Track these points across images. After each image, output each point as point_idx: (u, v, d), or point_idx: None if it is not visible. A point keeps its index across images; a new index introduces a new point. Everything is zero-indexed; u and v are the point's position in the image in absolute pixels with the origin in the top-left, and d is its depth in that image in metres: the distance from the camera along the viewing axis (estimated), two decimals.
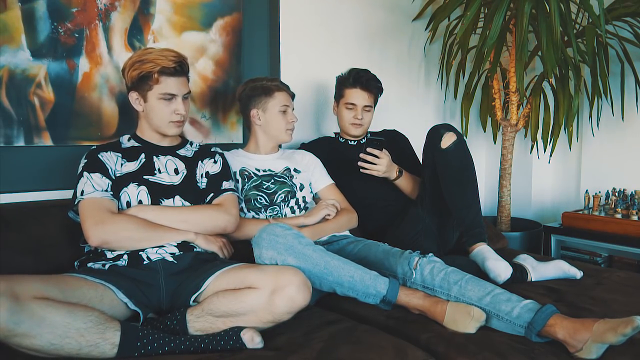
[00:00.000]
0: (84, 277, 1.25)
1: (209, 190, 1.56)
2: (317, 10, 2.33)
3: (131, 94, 1.50)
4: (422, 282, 1.44)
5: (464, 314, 1.29)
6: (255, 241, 1.38)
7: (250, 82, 1.84)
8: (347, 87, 2.04)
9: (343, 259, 1.41)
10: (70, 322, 1.05)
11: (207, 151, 1.64)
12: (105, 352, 1.09)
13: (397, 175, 1.92)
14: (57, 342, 1.04)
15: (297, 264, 1.33)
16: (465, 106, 2.69)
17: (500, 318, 1.29)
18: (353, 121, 2.03)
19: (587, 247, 2.46)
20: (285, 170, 1.84)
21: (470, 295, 1.34)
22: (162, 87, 1.46)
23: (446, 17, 2.42)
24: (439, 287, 1.40)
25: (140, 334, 1.13)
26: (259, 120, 1.82)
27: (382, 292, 1.38)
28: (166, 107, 1.48)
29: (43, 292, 1.07)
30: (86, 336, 1.06)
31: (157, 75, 1.44)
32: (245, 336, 1.17)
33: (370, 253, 1.63)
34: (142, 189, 1.45)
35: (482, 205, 3.15)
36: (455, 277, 1.39)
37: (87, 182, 1.39)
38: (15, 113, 1.60)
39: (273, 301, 1.19)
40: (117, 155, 1.48)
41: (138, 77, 1.45)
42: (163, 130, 1.52)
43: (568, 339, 1.18)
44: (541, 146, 2.51)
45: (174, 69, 1.46)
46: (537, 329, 1.22)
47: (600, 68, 2.20)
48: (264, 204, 1.75)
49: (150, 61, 1.44)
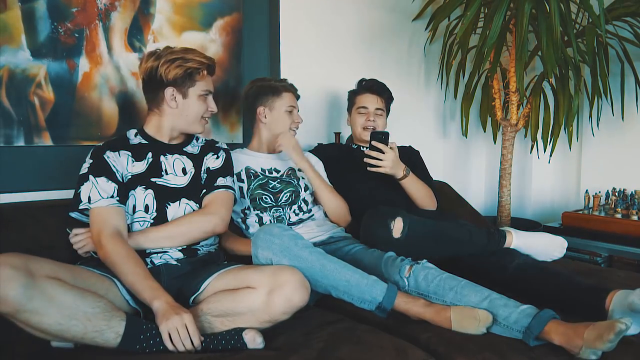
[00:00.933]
0: (91, 269, 1.28)
1: (204, 186, 1.54)
2: (317, 10, 2.33)
3: (167, 89, 1.48)
4: (417, 289, 1.41)
5: (470, 319, 1.28)
6: (253, 240, 1.38)
7: (258, 81, 1.86)
8: (358, 95, 2.10)
9: (341, 262, 1.40)
10: (79, 305, 1.08)
11: (212, 146, 1.63)
12: (108, 340, 1.10)
13: (404, 174, 1.90)
14: (64, 323, 1.06)
15: (292, 265, 1.32)
16: (465, 106, 2.69)
17: (498, 323, 1.28)
18: (365, 124, 2.05)
19: (587, 247, 2.46)
20: (289, 171, 1.85)
21: (466, 301, 1.33)
22: (205, 84, 1.52)
23: (446, 17, 2.42)
24: (434, 293, 1.38)
25: (144, 326, 1.15)
26: (265, 118, 1.82)
27: (377, 299, 1.36)
28: (203, 104, 1.53)
29: (56, 273, 1.11)
30: (93, 321, 1.08)
31: (204, 72, 1.50)
32: (247, 336, 1.17)
33: (366, 257, 1.59)
34: (149, 193, 1.45)
35: (483, 205, 3.18)
36: (450, 283, 1.38)
37: (92, 188, 1.38)
38: (15, 113, 1.60)
39: (270, 301, 1.19)
40: (127, 155, 1.47)
41: (184, 74, 1.47)
42: (193, 128, 1.54)
43: (564, 344, 1.18)
44: (541, 146, 2.51)
45: (213, 68, 1.54)
46: (534, 333, 1.21)
47: (600, 68, 2.20)
48: (269, 204, 1.75)
49: (192, 59, 1.47)
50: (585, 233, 2.44)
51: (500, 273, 1.59)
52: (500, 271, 1.59)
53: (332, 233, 1.79)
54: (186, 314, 1.17)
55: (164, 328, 1.14)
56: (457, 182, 2.73)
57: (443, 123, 2.96)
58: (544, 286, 1.49)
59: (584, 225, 2.46)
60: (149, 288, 1.23)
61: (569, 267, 1.75)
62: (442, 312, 1.33)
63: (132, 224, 1.43)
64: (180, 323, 1.14)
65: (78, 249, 1.40)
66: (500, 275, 1.58)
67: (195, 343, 1.15)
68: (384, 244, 1.58)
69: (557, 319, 1.23)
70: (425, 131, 2.87)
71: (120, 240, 1.32)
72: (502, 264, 1.60)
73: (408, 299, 1.38)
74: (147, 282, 1.25)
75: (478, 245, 1.66)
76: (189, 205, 1.49)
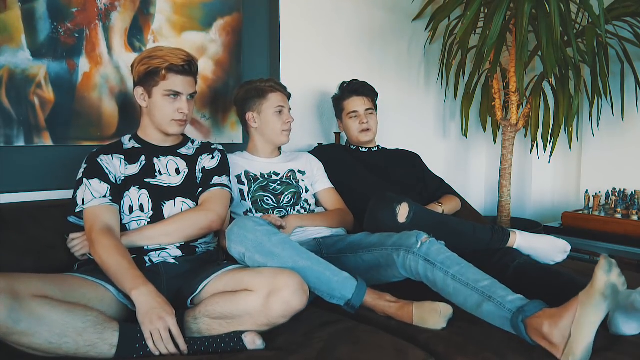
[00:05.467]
0: (84, 277, 1.25)
1: (200, 185, 1.54)
2: (317, 9, 2.33)
3: (137, 89, 1.50)
4: (426, 255, 1.40)
5: (431, 312, 1.31)
6: (227, 234, 1.37)
7: (245, 85, 1.84)
8: (344, 100, 2.11)
9: (315, 259, 1.38)
10: (68, 322, 1.06)
11: (208, 148, 1.63)
12: (103, 353, 1.09)
13: (442, 208, 1.98)
14: (56, 341, 1.04)
15: (264, 262, 1.32)
16: (465, 106, 2.69)
17: (493, 300, 1.26)
18: (361, 127, 2.07)
19: (587, 247, 2.46)
20: (289, 173, 1.84)
21: (468, 276, 1.33)
22: (168, 84, 1.46)
23: (446, 17, 2.42)
24: (441, 262, 1.37)
25: (139, 335, 1.13)
26: (255, 123, 1.81)
27: (346, 296, 1.36)
28: (170, 105, 1.47)
29: (42, 291, 1.08)
30: (84, 336, 1.07)
31: (165, 71, 1.44)
32: (246, 339, 1.17)
33: (374, 238, 1.57)
34: (143, 193, 1.45)
35: (483, 205, 3.18)
36: (457, 260, 1.38)
37: (86, 190, 1.39)
38: (15, 113, 1.60)
39: (269, 304, 1.18)
40: (120, 158, 1.48)
41: (145, 72, 1.45)
42: (164, 129, 1.51)
43: (554, 329, 1.13)
44: (541, 146, 2.50)
45: (182, 67, 1.46)
46: (527, 314, 1.19)
47: (600, 68, 2.20)
48: (271, 205, 1.75)
49: (160, 57, 1.44)
50: (585, 233, 2.44)
51: (500, 272, 1.58)
52: (501, 270, 1.59)
53: (334, 232, 1.80)
54: (169, 316, 1.15)
55: (146, 329, 1.13)
56: (457, 182, 2.72)
57: (443, 123, 2.96)
58: (544, 286, 1.49)
59: (584, 226, 2.46)
60: (130, 277, 1.21)
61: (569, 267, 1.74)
62: (405, 307, 1.35)
63: (129, 224, 1.44)
64: (164, 326, 1.13)
65: (75, 252, 1.41)
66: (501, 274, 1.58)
67: (180, 346, 1.13)
68: (388, 228, 1.58)
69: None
70: (425, 131, 2.87)
71: (109, 234, 1.32)
72: (503, 263, 1.61)
73: (375, 296, 1.40)
74: (130, 272, 1.23)
75: (481, 240, 1.67)
76: (185, 204, 1.49)
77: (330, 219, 1.82)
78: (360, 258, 1.54)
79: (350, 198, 1.94)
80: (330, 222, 1.81)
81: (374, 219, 1.64)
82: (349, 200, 1.93)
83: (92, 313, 1.11)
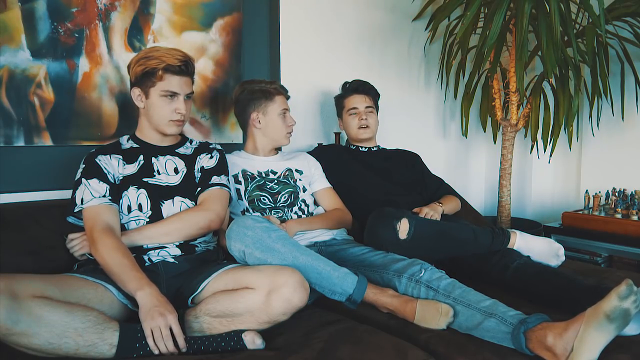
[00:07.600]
0: (84, 277, 1.25)
1: (198, 185, 1.54)
2: (317, 9, 2.33)
3: (134, 90, 1.50)
4: (428, 282, 1.41)
5: (433, 311, 1.30)
6: (227, 233, 1.37)
7: (247, 85, 1.82)
8: (344, 98, 2.12)
9: (314, 255, 1.38)
10: (68, 322, 1.06)
11: (206, 147, 1.63)
12: (103, 353, 1.09)
13: (442, 208, 1.96)
14: (55, 342, 1.04)
15: (264, 257, 1.32)
16: (465, 106, 2.69)
17: (494, 316, 1.25)
18: (360, 124, 2.07)
19: (587, 247, 2.46)
20: (287, 172, 1.84)
21: (469, 297, 1.33)
22: (165, 85, 1.46)
23: (446, 17, 2.42)
24: (443, 289, 1.38)
25: (139, 334, 1.13)
26: (259, 124, 1.81)
27: (348, 291, 1.37)
28: (167, 105, 1.47)
29: (42, 291, 1.08)
30: (84, 336, 1.07)
31: (162, 72, 1.44)
32: (246, 338, 1.17)
33: (378, 258, 1.58)
34: (142, 192, 1.45)
35: (483, 205, 3.18)
36: (459, 285, 1.39)
37: (85, 190, 1.39)
38: (15, 113, 1.60)
39: (269, 302, 1.18)
40: (118, 158, 1.48)
41: (142, 73, 1.45)
42: (162, 129, 1.51)
43: (558, 340, 1.13)
44: (541, 146, 2.50)
45: (178, 67, 1.46)
46: (529, 325, 1.18)
47: (600, 68, 2.20)
48: (268, 205, 1.75)
49: (156, 58, 1.44)
50: (585, 233, 2.44)
51: (501, 272, 1.59)
52: (501, 271, 1.59)
53: (335, 235, 1.80)
54: (171, 314, 1.16)
55: (147, 326, 1.13)
56: (457, 182, 2.72)
57: (443, 123, 2.95)
58: (544, 286, 1.49)
59: (584, 226, 2.46)
60: (134, 278, 1.22)
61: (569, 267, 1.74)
62: (409, 303, 1.35)
63: (128, 223, 1.44)
64: (164, 324, 1.14)
65: (74, 252, 1.41)
66: (501, 275, 1.59)
67: (180, 345, 1.14)
68: (389, 245, 1.59)
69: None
70: (425, 131, 2.87)
71: (111, 234, 1.32)
72: (503, 263, 1.61)
73: (377, 290, 1.40)
74: (133, 273, 1.23)
75: (482, 245, 1.67)
76: (184, 203, 1.49)
77: (329, 220, 1.82)
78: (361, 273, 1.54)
79: (350, 198, 1.94)
80: (329, 224, 1.81)
81: (374, 235, 1.64)
82: (348, 200, 1.93)
83: (91, 313, 1.11)
